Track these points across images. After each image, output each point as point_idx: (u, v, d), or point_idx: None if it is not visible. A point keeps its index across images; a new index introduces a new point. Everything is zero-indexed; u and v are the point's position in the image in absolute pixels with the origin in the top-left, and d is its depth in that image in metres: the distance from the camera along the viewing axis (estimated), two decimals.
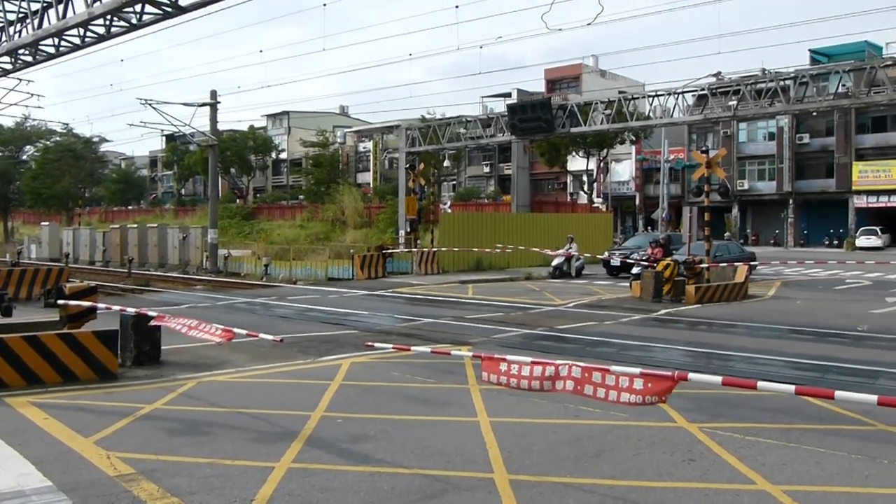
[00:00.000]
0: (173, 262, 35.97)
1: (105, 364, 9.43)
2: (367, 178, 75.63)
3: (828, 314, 17.48)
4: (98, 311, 10.94)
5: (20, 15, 20.52)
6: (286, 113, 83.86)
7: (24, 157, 70.72)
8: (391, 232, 41.52)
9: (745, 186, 58.87)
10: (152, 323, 9.15)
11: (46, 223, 48.97)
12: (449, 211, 45.19)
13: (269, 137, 79.95)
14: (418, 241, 31.41)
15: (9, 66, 23.16)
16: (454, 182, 71.68)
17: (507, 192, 64.31)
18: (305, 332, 13.80)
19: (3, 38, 21.11)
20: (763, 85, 26.55)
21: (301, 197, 71.15)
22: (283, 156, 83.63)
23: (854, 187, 53.98)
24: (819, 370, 10.55)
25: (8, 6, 20.59)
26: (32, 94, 42.47)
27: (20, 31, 20.50)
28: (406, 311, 17.73)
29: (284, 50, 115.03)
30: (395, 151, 58.23)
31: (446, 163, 64.64)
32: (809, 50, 53.63)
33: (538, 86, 67.39)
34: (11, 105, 48.64)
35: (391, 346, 8.51)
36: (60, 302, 10.78)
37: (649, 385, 5.32)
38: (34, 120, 62.65)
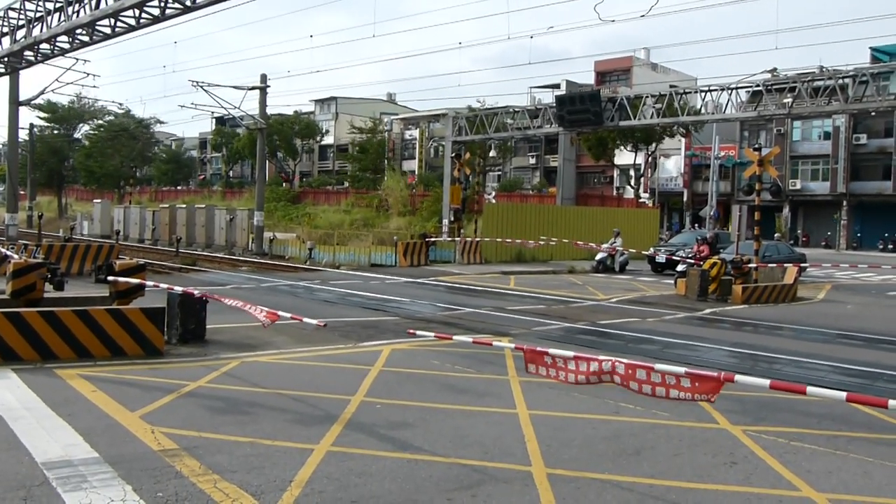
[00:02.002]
0: (220, 242, 36.58)
1: (152, 340, 9.62)
2: (412, 165, 75.74)
3: (880, 320, 17.02)
4: (146, 289, 11.15)
5: None
6: (334, 98, 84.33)
7: (78, 136, 72.30)
8: (435, 220, 41.53)
9: (798, 186, 57.53)
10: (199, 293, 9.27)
11: (99, 201, 50.15)
12: (493, 201, 45.07)
13: (313, 122, 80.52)
14: (461, 231, 31.38)
15: (66, 46, 23.67)
16: (499, 172, 71.36)
17: (553, 184, 63.79)
18: (347, 317, 13.90)
19: (62, 18, 21.57)
20: (820, 83, 25.87)
21: (346, 182, 71.59)
22: (330, 141, 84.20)
23: None
24: (869, 377, 10.27)
25: None
26: (88, 74, 43.35)
27: (78, 12, 20.93)
28: (447, 299, 17.74)
29: (334, 36, 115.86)
30: (442, 140, 58.15)
31: (492, 153, 64.40)
32: (870, 48, 51.99)
33: (587, 78, 66.79)
34: (68, 84, 49.52)
35: (432, 334, 8.52)
36: (110, 278, 11.01)
37: (695, 384, 5.23)
38: (87, 98, 63.96)
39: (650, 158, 60.33)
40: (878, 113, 41.62)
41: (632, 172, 59.46)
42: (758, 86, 27.34)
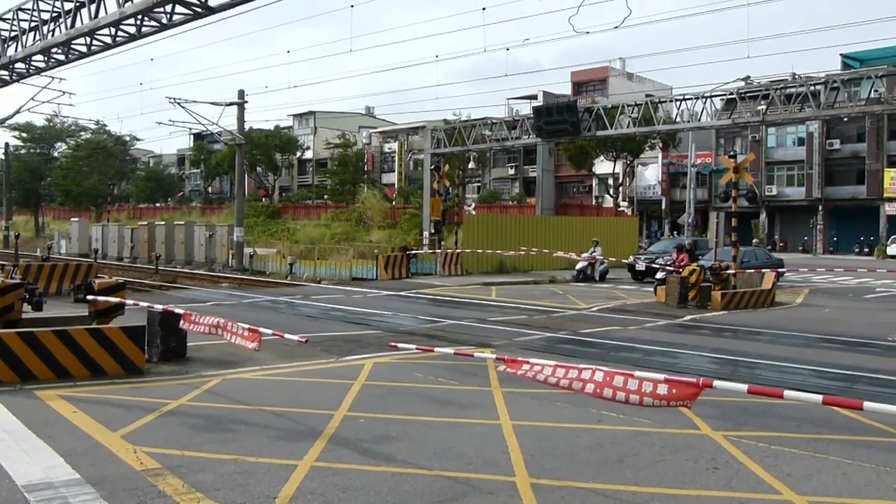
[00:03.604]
0: (200, 259, 36.33)
1: (132, 359, 9.55)
2: (391, 178, 75.85)
3: (857, 323, 17.23)
4: (126, 308, 11.07)
5: (53, 14, 20.87)
6: (312, 113, 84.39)
7: (55, 154, 71.72)
8: (415, 233, 41.60)
9: (774, 192, 58.20)
10: (182, 325, 9.26)
11: (76, 219, 49.68)
12: (473, 213, 45.20)
13: (293, 137, 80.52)
14: (442, 243, 31.44)
15: (42, 65, 23.56)
16: (479, 184, 71.61)
17: (532, 195, 64.14)
18: (329, 332, 13.87)
19: (37, 37, 21.45)
20: (793, 90, 26.29)
21: (326, 197, 71.50)
22: (309, 155, 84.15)
23: (885, 194, 53.12)
24: (847, 380, 10.40)
25: (42, 5, 20.95)
26: (64, 92, 43.01)
27: (53, 31, 20.85)
28: (429, 312, 17.75)
29: (312, 51, 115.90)
30: (421, 152, 58.33)
31: (471, 164, 64.69)
32: (841, 54, 52.80)
33: (563, 89, 67.28)
34: (44, 102, 49.02)
35: (414, 346, 8.54)
36: (89, 297, 10.92)
37: (673, 391, 5.28)
38: (65, 117, 63.53)
39: (628, 167, 60.83)
40: (851, 118, 42.17)
41: (610, 182, 59.90)
42: (732, 94, 27.72)
